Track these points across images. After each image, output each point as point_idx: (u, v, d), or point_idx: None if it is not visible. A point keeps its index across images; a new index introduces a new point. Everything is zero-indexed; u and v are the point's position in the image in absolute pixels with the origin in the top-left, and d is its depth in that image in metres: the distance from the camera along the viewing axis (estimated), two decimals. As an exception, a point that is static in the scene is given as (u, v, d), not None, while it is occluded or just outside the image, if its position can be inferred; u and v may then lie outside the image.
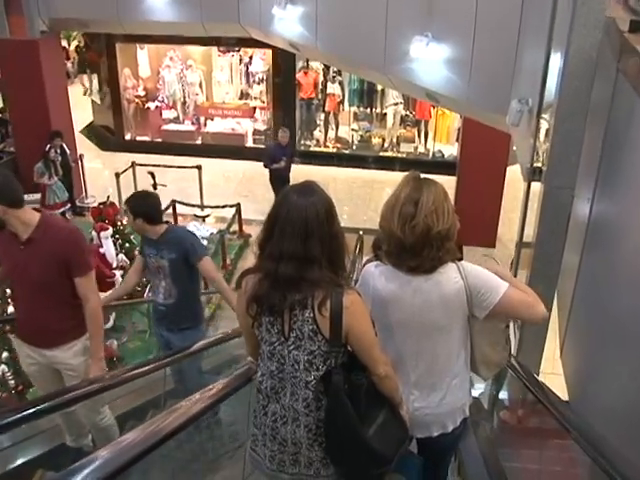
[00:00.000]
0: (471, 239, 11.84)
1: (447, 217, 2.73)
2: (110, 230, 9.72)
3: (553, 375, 4.70)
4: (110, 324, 9.93)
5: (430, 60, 7.95)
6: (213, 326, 10.54)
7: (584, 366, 4.04)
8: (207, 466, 4.70)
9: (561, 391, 3.99)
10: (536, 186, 4.75)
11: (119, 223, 10.55)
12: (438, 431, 3.00)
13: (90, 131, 17.62)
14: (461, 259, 2.88)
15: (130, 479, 2.73)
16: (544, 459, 4.44)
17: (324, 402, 2.65)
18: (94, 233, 9.78)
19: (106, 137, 17.19)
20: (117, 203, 13.42)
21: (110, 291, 9.84)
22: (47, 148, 12.55)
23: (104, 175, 15.09)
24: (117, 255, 9.95)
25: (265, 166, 12.66)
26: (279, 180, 12.27)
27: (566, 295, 4.23)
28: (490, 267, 2.90)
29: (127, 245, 10.55)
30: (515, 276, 4.93)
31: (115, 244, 10.24)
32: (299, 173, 15.51)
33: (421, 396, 2.96)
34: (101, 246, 9.65)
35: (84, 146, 16.54)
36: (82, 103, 18.03)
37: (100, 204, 10.70)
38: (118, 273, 9.80)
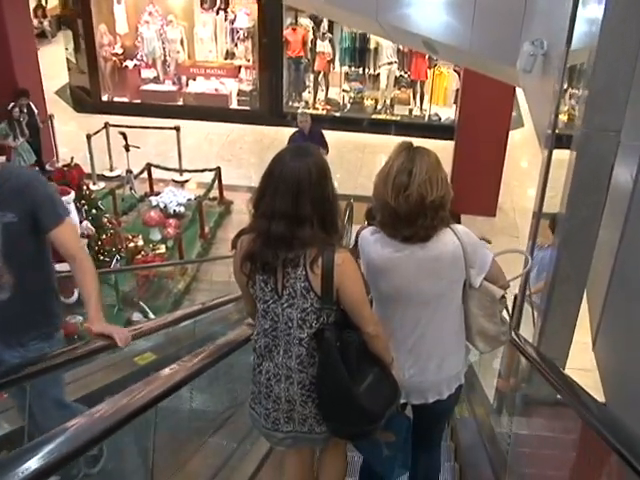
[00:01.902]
0: (470, 207, 11.34)
1: (441, 186, 2.76)
2: (72, 194, 8.70)
3: (582, 371, 3.89)
4: (75, 298, 9.08)
5: (428, 3, 7.35)
6: (189, 300, 9.80)
7: (624, 361, 3.24)
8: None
9: (594, 391, 3.20)
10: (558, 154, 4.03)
11: (85, 187, 9.61)
12: (434, 397, 3.04)
13: (65, 92, 16.69)
14: None
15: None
16: (538, 426, 4.32)
17: (317, 359, 2.72)
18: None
19: (82, 98, 16.30)
20: (89, 167, 12.61)
21: None
22: (10, 107, 11.56)
23: (79, 138, 14.14)
24: (81, 222, 8.99)
25: None
26: None
27: (600, 275, 3.40)
28: None
29: (94, 211, 9.62)
30: (532, 252, 4.47)
31: (80, 210, 9.30)
32: (288, 137, 14.80)
33: (417, 363, 2.99)
34: (62, 212, 8.70)
35: (59, 108, 15.88)
36: (61, 63, 17.09)
37: (64, 166, 9.72)
38: (82, 242, 8.87)
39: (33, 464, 1.83)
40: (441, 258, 2.82)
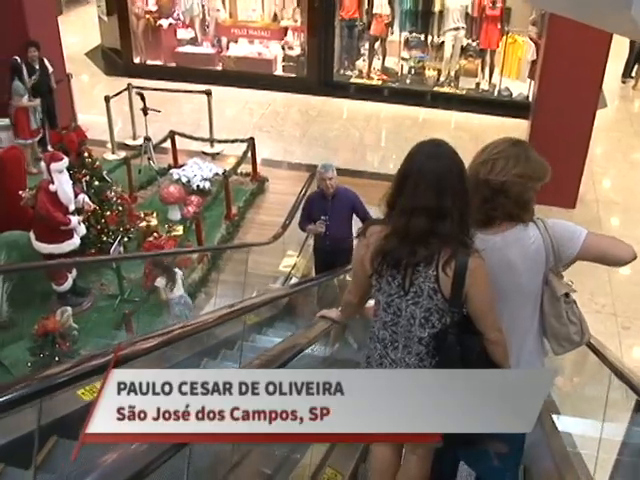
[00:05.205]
0: (545, 197, 9.52)
1: (527, 176, 2.81)
2: (65, 161, 7.10)
3: None
4: (68, 285, 7.60)
5: None
6: (206, 293, 8.33)
7: None
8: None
9: None
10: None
11: (86, 154, 8.06)
12: None
13: (97, 54, 15.43)
14: None
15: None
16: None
17: (435, 360, 2.74)
18: (43, 164, 7.28)
19: (113, 61, 15.02)
20: (108, 132, 11.16)
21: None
22: (18, 61, 10.02)
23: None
24: (77, 195, 7.45)
25: (300, 228, 7.53)
26: (321, 252, 7.50)
27: None
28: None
29: (97, 183, 8.10)
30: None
31: (79, 181, 7.78)
32: (337, 108, 13.33)
33: None
34: (52, 182, 7.14)
35: (90, 71, 14.79)
36: (96, 25, 15.91)
37: (62, 129, 8.21)
38: (75, 219, 7.31)
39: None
40: (521, 252, 2.83)
